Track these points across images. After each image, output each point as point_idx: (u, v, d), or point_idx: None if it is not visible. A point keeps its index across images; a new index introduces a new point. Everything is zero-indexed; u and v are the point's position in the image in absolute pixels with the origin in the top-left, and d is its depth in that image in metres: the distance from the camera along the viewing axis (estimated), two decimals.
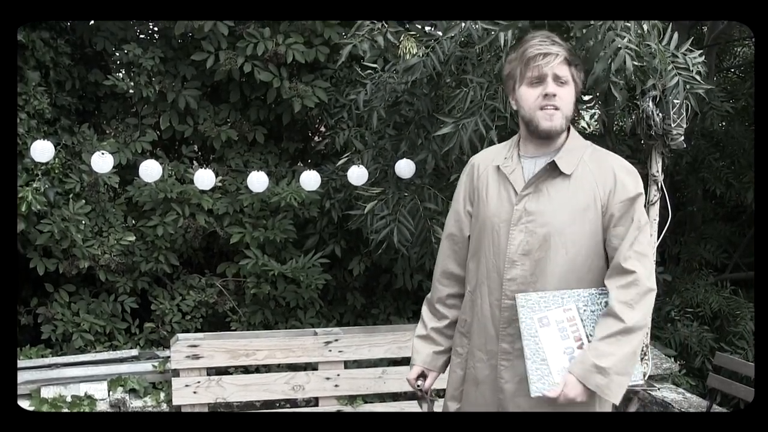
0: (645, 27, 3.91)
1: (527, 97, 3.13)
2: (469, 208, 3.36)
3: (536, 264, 3.10)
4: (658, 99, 4.64)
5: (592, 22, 3.60)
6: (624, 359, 2.96)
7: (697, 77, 4.10)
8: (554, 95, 3.07)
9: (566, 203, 3.09)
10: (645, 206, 5.12)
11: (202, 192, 6.34)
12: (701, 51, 4.26)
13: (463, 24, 4.49)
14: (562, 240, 3.08)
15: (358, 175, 5.69)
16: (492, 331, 3.20)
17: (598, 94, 4.72)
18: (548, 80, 3.07)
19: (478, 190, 3.29)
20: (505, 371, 3.18)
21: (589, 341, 3.05)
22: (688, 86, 4.08)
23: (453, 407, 3.42)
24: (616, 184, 3.10)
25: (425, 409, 3.48)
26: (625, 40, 3.70)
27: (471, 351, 3.30)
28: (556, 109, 3.08)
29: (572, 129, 3.23)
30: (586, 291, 3.12)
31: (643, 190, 3.17)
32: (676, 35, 4.21)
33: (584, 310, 3.09)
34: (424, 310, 3.55)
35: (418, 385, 3.45)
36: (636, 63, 3.85)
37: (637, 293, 3.01)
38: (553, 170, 3.12)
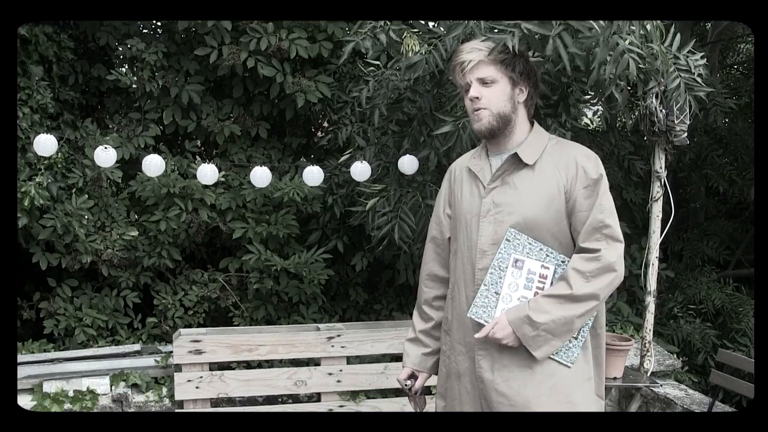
0: (648, 28, 3.91)
1: (466, 104, 3.31)
2: (448, 211, 3.47)
3: None
4: (661, 96, 4.64)
5: (595, 26, 3.59)
6: (558, 322, 3.07)
7: (698, 79, 4.09)
8: (477, 98, 3.20)
9: (532, 192, 3.18)
10: (648, 202, 5.16)
11: (205, 187, 6.34)
12: (703, 53, 4.25)
13: (466, 23, 4.47)
14: (529, 228, 3.17)
15: (360, 170, 5.69)
16: (469, 323, 3.27)
17: (600, 94, 4.72)
18: (472, 86, 3.21)
19: (455, 193, 3.42)
20: (483, 360, 3.24)
21: None
22: (689, 88, 4.08)
23: (440, 405, 3.51)
24: (578, 171, 3.17)
25: (414, 407, 3.58)
26: (627, 42, 3.70)
27: (452, 346, 3.39)
28: (482, 108, 3.20)
29: (536, 124, 3.34)
30: (568, 259, 3.20)
31: (604, 174, 3.23)
32: (678, 36, 4.20)
33: (558, 275, 3.18)
34: (414, 314, 3.66)
35: (407, 385, 3.56)
36: (641, 66, 3.85)
37: (596, 267, 3.08)
38: (517, 162, 3.23)
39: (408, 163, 5.49)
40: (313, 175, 5.86)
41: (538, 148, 3.24)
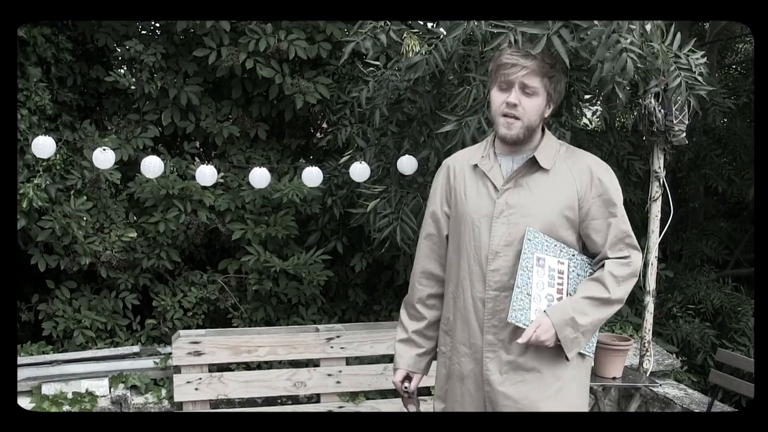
0: (648, 27, 3.91)
1: (495, 99, 3.23)
2: (446, 209, 3.43)
3: (518, 254, 3.16)
4: (660, 96, 4.64)
5: (596, 23, 3.60)
6: (594, 324, 3.15)
7: (699, 78, 4.10)
8: (515, 105, 3.15)
9: (546, 196, 3.20)
10: (647, 202, 5.16)
11: (204, 188, 6.32)
12: (703, 52, 4.25)
13: (466, 23, 4.47)
14: (543, 231, 3.18)
15: (360, 171, 5.68)
16: (475, 325, 3.26)
17: (602, 94, 4.72)
18: (514, 89, 3.15)
19: (455, 191, 3.38)
20: (490, 362, 3.23)
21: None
22: (690, 87, 4.08)
23: (439, 407, 3.48)
24: (593, 180, 3.21)
25: (412, 410, 3.54)
26: (628, 41, 3.70)
27: (454, 347, 3.36)
28: (516, 118, 3.17)
29: (546, 129, 3.33)
30: (581, 255, 3.26)
31: (618, 186, 3.28)
32: (678, 35, 4.20)
33: (572, 271, 3.22)
34: (403, 314, 3.62)
35: (405, 388, 3.51)
36: (639, 65, 3.85)
37: (627, 273, 3.18)
38: (532, 165, 3.22)
39: (407, 164, 5.49)
40: (312, 176, 5.85)
41: (551, 152, 3.25)
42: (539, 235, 3.15)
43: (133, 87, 6.67)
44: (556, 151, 3.26)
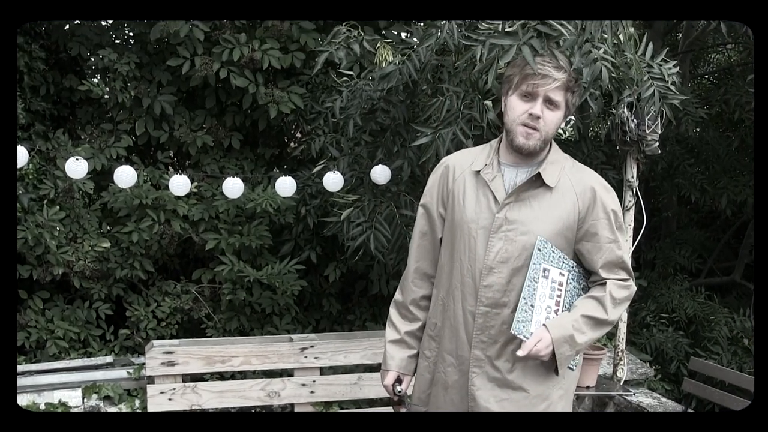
0: (621, 37, 3.93)
1: (514, 107, 3.14)
2: (441, 210, 3.35)
3: (513, 272, 3.12)
4: (633, 106, 4.67)
5: (566, 34, 3.60)
6: (587, 343, 3.13)
7: (672, 88, 4.11)
8: (538, 117, 3.08)
9: (547, 214, 3.14)
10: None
11: (178, 198, 6.30)
12: (676, 62, 4.27)
13: (439, 33, 4.49)
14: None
15: (333, 180, 5.67)
16: (464, 337, 3.22)
17: None
18: (539, 101, 3.08)
19: (453, 194, 3.29)
20: (476, 378, 3.20)
21: (564, 310, 3.16)
22: (663, 96, 4.10)
23: (419, 411, 3.43)
24: (596, 201, 3.17)
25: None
26: (601, 51, 3.71)
27: (440, 355, 3.32)
28: (536, 130, 3.10)
29: (553, 142, 3.26)
30: (578, 267, 3.25)
31: (620, 208, 3.27)
32: (651, 45, 4.22)
33: (570, 282, 3.20)
34: (394, 314, 3.53)
35: (399, 390, 3.43)
36: (613, 75, 3.86)
37: (625, 296, 3.19)
38: (536, 181, 3.15)
39: (380, 173, 5.48)
40: (286, 185, 5.83)
41: (558, 168, 3.19)
42: (548, 245, 3.12)
43: (106, 96, 6.65)
44: (562, 167, 3.21)
